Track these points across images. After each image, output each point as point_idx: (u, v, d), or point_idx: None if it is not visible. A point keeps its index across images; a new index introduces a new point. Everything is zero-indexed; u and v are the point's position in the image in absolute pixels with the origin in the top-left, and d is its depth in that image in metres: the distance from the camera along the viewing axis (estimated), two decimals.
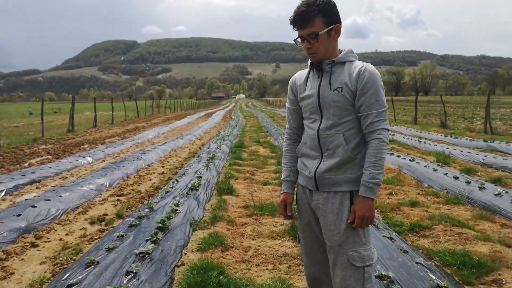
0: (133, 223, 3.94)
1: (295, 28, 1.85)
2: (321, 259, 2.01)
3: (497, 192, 5.11)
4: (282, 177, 2.11)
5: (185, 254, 3.49)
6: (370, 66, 1.83)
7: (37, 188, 6.45)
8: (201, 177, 6.31)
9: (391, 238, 3.62)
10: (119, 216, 4.72)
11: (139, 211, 4.37)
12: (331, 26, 1.82)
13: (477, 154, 8.80)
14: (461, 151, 9.38)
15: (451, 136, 13.06)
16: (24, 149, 11.12)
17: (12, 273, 3.21)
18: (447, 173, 6.43)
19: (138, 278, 2.71)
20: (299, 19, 1.81)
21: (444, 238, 3.85)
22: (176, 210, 4.37)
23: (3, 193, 5.86)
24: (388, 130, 1.81)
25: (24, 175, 6.98)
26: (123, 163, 8.23)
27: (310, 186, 1.94)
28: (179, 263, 3.25)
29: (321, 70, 1.89)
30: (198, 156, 9.10)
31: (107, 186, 6.44)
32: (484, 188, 5.39)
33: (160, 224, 3.76)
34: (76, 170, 8.19)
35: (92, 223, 4.53)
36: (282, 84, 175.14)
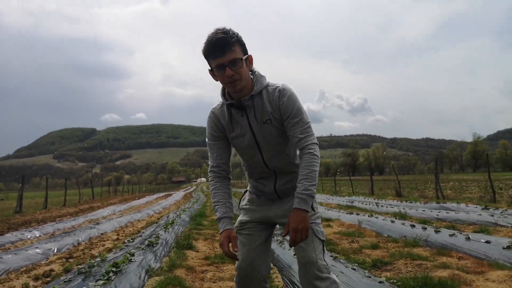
0: (83, 270, 3.64)
1: (212, 57, 1.76)
2: (259, 245, 1.99)
3: (451, 233, 5.27)
4: (218, 215, 1.90)
5: None
6: (285, 89, 1.87)
7: None
8: (158, 237, 6.02)
9: (354, 269, 3.58)
10: (67, 270, 4.34)
11: (89, 261, 4.07)
12: (247, 55, 1.82)
13: (431, 211, 9.12)
14: (416, 210, 9.70)
15: (406, 201, 13.53)
16: None
17: None
18: (404, 223, 6.59)
19: None
20: (221, 46, 1.71)
21: (405, 270, 3.85)
22: (131, 259, 4.10)
23: None
24: (317, 144, 1.85)
25: None
26: (74, 231, 7.74)
27: (271, 197, 2.06)
28: None
29: (243, 108, 1.87)
30: (157, 223, 8.76)
31: (55, 251, 5.97)
32: (439, 231, 5.55)
33: (113, 268, 3.50)
34: (21, 242, 7.55)
35: (36, 279, 4.13)
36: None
